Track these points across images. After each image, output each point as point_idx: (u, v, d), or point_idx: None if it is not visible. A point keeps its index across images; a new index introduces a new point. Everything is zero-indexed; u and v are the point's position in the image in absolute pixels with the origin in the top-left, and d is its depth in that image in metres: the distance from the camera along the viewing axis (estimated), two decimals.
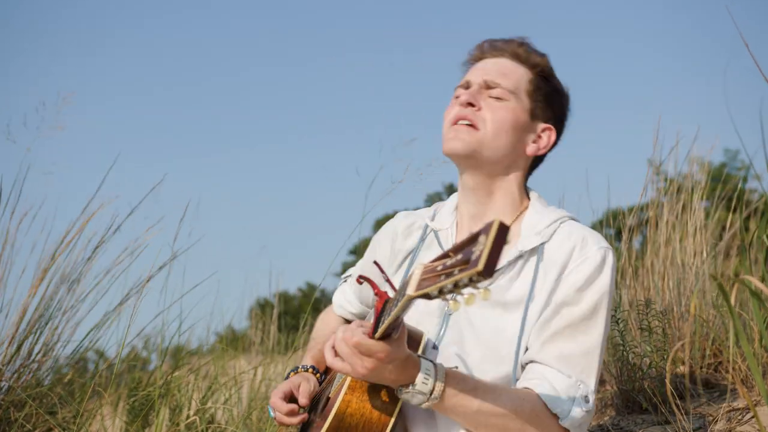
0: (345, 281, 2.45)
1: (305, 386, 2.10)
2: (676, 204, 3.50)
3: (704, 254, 3.34)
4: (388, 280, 1.81)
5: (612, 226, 3.87)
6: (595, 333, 1.86)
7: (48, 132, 3.46)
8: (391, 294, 1.81)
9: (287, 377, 2.18)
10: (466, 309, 1.96)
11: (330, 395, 1.99)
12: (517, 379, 1.87)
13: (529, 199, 2.08)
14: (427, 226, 2.13)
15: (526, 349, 1.88)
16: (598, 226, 4.06)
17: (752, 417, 2.59)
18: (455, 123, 1.99)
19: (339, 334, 1.66)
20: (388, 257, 2.18)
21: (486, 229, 1.29)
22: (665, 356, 2.89)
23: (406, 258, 2.13)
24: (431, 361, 1.72)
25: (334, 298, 2.45)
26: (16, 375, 3.26)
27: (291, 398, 2.09)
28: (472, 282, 1.27)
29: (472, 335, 1.91)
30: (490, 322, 1.89)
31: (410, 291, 1.42)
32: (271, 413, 2.10)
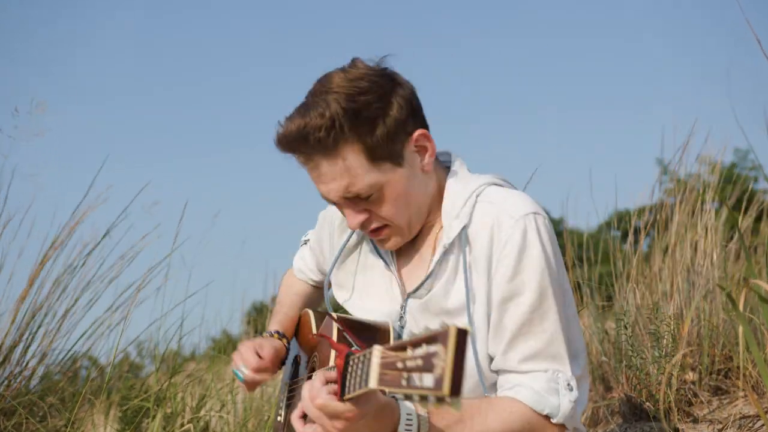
0: (305, 244, 2.41)
1: (268, 346, 2.10)
2: (686, 205, 3.51)
3: (714, 257, 3.35)
4: (345, 329, 1.81)
5: (618, 227, 3.88)
6: (551, 316, 1.79)
7: (26, 138, 3.47)
8: (352, 341, 1.81)
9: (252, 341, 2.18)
10: (416, 320, 1.92)
11: None
12: (491, 384, 1.85)
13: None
14: None
15: (489, 356, 1.84)
16: (604, 227, 4.08)
17: (763, 425, 2.60)
18: (372, 234, 1.92)
19: (305, 393, 1.61)
20: (326, 245, 2.18)
21: (443, 338, 1.24)
22: (674, 362, 2.90)
23: (345, 257, 2.10)
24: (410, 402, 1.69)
25: (294, 262, 2.43)
26: (5, 382, 3.27)
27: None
28: (440, 401, 1.24)
29: None
30: None
31: (372, 383, 1.39)
32: (240, 375, 2.07)
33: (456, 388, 1.22)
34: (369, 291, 2.04)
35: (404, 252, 2.01)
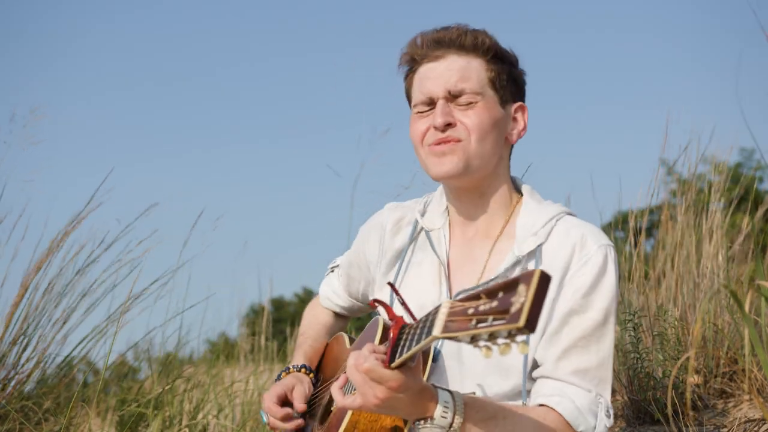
0: (332, 271, 2.43)
1: (300, 389, 2.11)
2: (690, 206, 3.51)
3: (719, 258, 3.35)
4: (403, 303, 1.81)
5: (622, 228, 3.89)
6: (608, 340, 1.87)
7: (21, 145, 3.48)
8: (406, 318, 1.82)
9: (278, 378, 2.19)
10: None
11: (332, 407, 1.99)
12: (528, 391, 1.87)
13: (520, 194, 2.07)
14: (417, 223, 2.12)
15: (534, 361, 1.88)
16: (607, 228, 4.08)
17: None
18: (437, 145, 1.96)
19: (350, 361, 1.63)
20: (376, 254, 2.18)
21: (527, 279, 1.28)
22: (678, 365, 2.90)
23: (396, 258, 2.12)
24: (449, 391, 1.70)
25: (321, 290, 2.44)
26: (0, 386, 3.27)
27: (285, 401, 2.10)
28: (510, 335, 1.27)
29: (470, 347, 1.91)
30: None
31: (436, 331, 1.41)
32: (264, 418, 2.11)
33: (531, 323, 1.24)
34: (415, 285, 2.05)
35: (457, 251, 2.04)
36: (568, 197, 3.74)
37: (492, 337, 1.29)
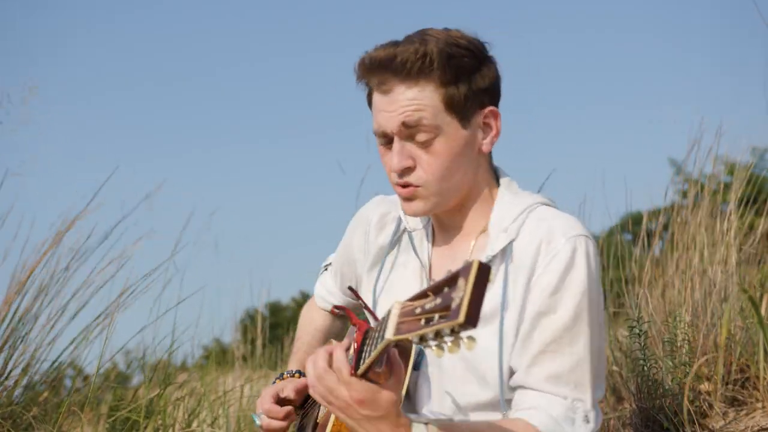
0: (325, 270, 2.43)
1: (290, 389, 2.11)
2: (701, 207, 3.51)
3: (731, 261, 3.36)
4: (366, 307, 1.81)
5: (631, 230, 3.89)
6: (582, 340, 1.81)
7: (13, 127, 3.48)
8: (372, 322, 1.82)
9: (273, 384, 2.20)
10: None
11: (318, 420, 2.01)
12: (507, 400, 1.85)
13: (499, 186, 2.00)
14: (400, 222, 2.09)
15: (510, 369, 1.84)
16: (616, 230, 4.09)
17: None
18: (401, 187, 1.91)
19: (309, 368, 1.65)
20: (362, 249, 2.17)
21: (465, 272, 1.26)
22: (688, 372, 2.90)
23: (380, 257, 2.11)
24: (425, 423, 1.67)
25: (316, 290, 2.44)
26: None
27: (278, 401, 2.11)
28: (454, 332, 1.26)
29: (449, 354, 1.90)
30: None
31: (389, 335, 1.41)
32: (257, 421, 2.11)
33: (472, 318, 1.23)
34: (398, 288, 2.04)
35: (440, 252, 2.03)
36: (584, 198, 3.75)
37: (438, 335, 1.29)
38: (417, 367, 1.91)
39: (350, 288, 1.95)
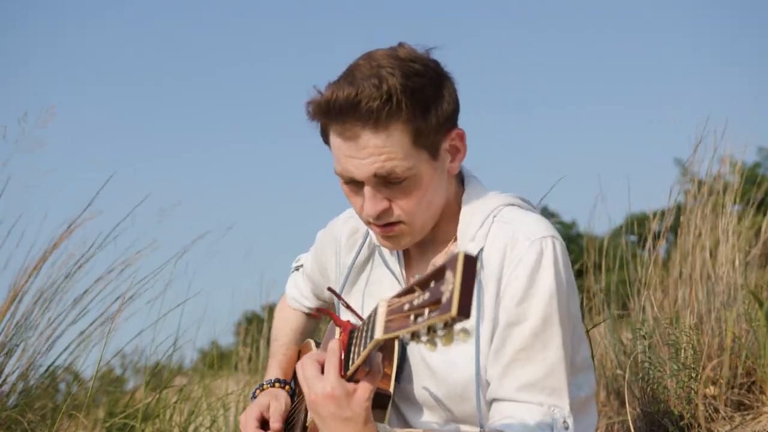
0: (297, 270, 2.41)
1: (275, 406, 2.10)
2: (706, 208, 3.52)
3: (737, 263, 3.36)
4: (348, 307, 1.81)
5: (635, 232, 3.90)
6: (554, 345, 1.77)
7: (28, 146, 3.50)
8: (353, 320, 1.82)
9: (254, 397, 2.19)
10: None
11: (308, 424, 2.01)
12: (485, 414, 1.83)
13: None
14: (368, 237, 2.07)
15: (487, 382, 1.82)
16: (620, 232, 4.10)
17: None
18: (378, 227, 1.87)
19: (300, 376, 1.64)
20: (334, 271, 2.15)
21: (452, 264, 1.26)
22: (694, 375, 2.90)
23: (356, 275, 2.09)
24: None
25: (288, 290, 2.42)
26: None
27: (263, 421, 2.10)
28: (447, 326, 1.26)
29: (426, 369, 1.88)
30: (442, 354, 1.82)
31: (378, 334, 1.41)
32: None
33: (464, 309, 1.23)
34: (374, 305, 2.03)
35: (415, 267, 2.01)
36: (588, 199, 3.75)
37: (431, 330, 1.29)
38: (398, 380, 1.89)
39: (330, 289, 1.94)
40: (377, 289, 2.04)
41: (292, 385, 2.24)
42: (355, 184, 1.83)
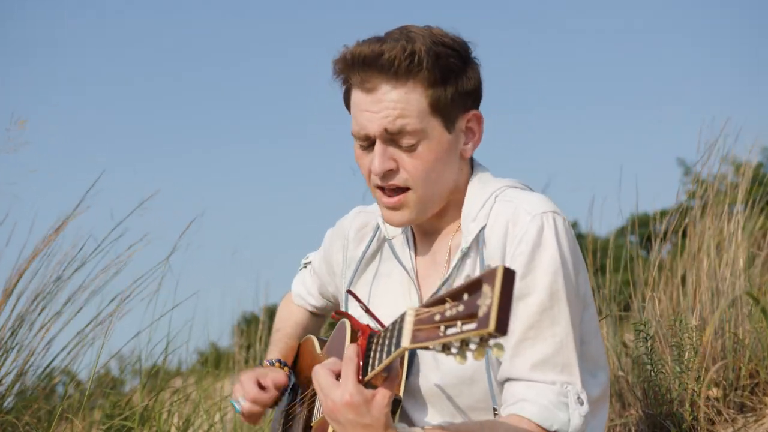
0: (305, 267, 2.43)
1: (273, 376, 2.13)
2: (711, 208, 3.51)
3: (741, 264, 3.35)
4: (368, 311, 1.80)
5: (638, 232, 3.88)
6: (563, 320, 1.78)
7: (14, 147, 3.51)
8: (372, 324, 1.82)
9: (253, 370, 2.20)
10: None
11: (312, 424, 2.01)
12: (497, 393, 1.84)
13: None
14: (378, 230, 2.09)
15: (498, 362, 1.83)
16: (624, 231, 4.09)
17: None
18: (385, 197, 1.90)
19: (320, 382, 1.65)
20: (341, 265, 2.17)
21: (490, 278, 1.25)
22: (697, 377, 2.90)
23: (363, 268, 2.11)
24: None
25: (294, 287, 2.44)
26: None
27: (261, 388, 2.12)
28: (483, 341, 1.25)
29: (432, 361, 1.88)
30: None
31: (405, 342, 1.41)
32: (237, 407, 2.11)
33: (502, 325, 1.22)
34: (386, 299, 2.04)
35: (422, 257, 2.02)
36: (591, 200, 3.74)
37: (464, 343, 1.28)
38: (407, 375, 1.90)
39: (349, 291, 1.94)
40: (385, 282, 2.05)
41: (291, 376, 2.25)
42: (368, 144, 1.88)
